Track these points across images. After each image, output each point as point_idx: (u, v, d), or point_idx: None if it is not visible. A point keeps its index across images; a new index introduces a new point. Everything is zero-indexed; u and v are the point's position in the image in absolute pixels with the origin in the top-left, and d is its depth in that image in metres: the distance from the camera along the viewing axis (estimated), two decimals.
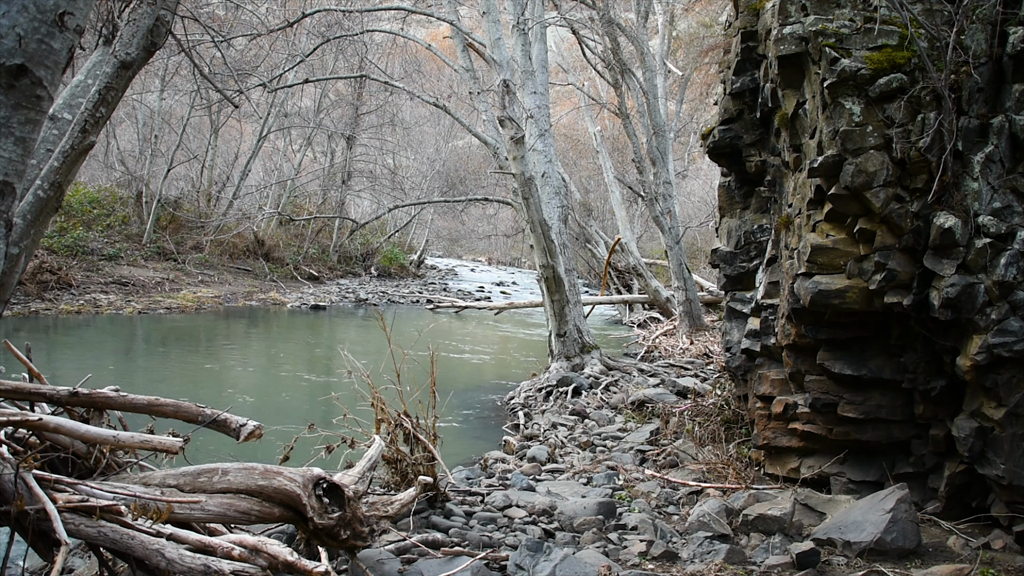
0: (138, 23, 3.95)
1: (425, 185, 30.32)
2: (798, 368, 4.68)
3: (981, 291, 3.70)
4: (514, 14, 10.54)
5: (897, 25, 4.14)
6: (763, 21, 4.97)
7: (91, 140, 3.87)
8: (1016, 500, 3.76)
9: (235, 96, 9.25)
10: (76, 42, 1.91)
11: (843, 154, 4.04)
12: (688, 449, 5.90)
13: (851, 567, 3.68)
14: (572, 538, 4.26)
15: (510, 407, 9.09)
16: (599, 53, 13.69)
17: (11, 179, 1.86)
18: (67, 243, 18.31)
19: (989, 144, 3.79)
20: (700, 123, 24.41)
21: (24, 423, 2.78)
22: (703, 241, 23.51)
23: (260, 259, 23.73)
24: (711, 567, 3.75)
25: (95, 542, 2.64)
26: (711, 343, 11.03)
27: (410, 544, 3.86)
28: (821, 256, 4.24)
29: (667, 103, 17.47)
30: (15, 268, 3.87)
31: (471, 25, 16.01)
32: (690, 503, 4.88)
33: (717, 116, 5.76)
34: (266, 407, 8.80)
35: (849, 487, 4.55)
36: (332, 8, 11.96)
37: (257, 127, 24.97)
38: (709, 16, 21.43)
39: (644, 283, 15.70)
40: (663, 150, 13.02)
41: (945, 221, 3.79)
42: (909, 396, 4.30)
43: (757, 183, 5.56)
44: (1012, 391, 3.66)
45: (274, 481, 3.00)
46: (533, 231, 9.96)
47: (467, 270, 36.97)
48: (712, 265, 5.95)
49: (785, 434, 4.92)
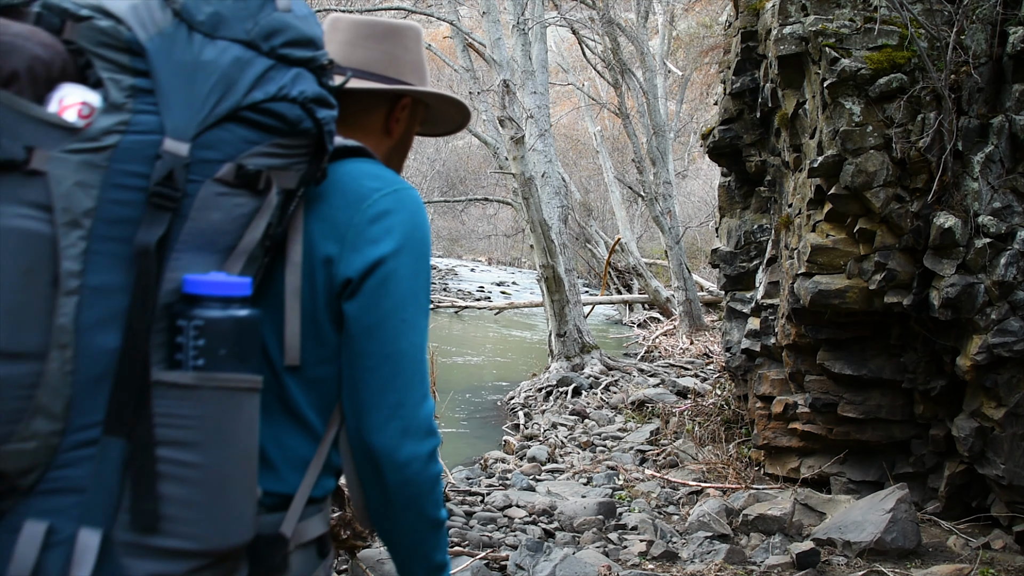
0: None
1: (425, 185, 30.34)
2: (798, 368, 4.68)
3: (981, 291, 3.70)
4: (514, 14, 10.54)
5: (897, 25, 4.14)
6: (763, 21, 4.97)
7: None
8: (1016, 500, 3.76)
9: None
10: None
11: (843, 154, 4.04)
12: (688, 449, 5.90)
13: (851, 567, 3.68)
14: (572, 538, 4.26)
15: (510, 407, 9.10)
16: (599, 53, 13.69)
17: None
18: None
19: (989, 144, 3.79)
20: (700, 123, 24.41)
21: None
22: (703, 241, 23.50)
23: None
24: (711, 567, 3.75)
25: None
26: (711, 343, 11.02)
27: None
28: (821, 256, 4.24)
29: (667, 103, 17.47)
30: None
31: (471, 25, 16.01)
32: (690, 503, 4.88)
33: (717, 116, 5.76)
34: None
35: (849, 487, 4.55)
36: (332, 8, 11.97)
37: None
38: (709, 16, 21.43)
39: (644, 283, 15.70)
40: (663, 150, 13.03)
41: (945, 221, 3.79)
42: (909, 396, 4.31)
43: (757, 183, 5.56)
44: (1012, 391, 3.66)
45: None
46: (533, 231, 9.96)
47: (467, 270, 36.94)
48: (712, 265, 5.95)
49: (785, 434, 4.92)
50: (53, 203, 0.82)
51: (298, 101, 0.94)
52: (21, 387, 0.80)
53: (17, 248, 0.80)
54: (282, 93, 0.93)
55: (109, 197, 0.85)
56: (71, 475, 0.84)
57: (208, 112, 0.89)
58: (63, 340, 0.82)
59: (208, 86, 0.89)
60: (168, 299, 0.87)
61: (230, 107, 0.90)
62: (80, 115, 0.86)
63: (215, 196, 0.90)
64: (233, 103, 0.90)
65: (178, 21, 0.90)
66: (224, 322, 0.88)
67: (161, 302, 0.87)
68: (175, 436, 0.85)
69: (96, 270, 0.85)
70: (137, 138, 0.86)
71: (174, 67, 0.88)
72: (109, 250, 0.85)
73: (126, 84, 0.87)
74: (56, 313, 0.82)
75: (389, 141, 1.26)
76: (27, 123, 0.82)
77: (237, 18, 0.92)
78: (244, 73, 0.91)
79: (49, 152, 0.82)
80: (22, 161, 0.80)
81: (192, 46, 0.90)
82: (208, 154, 0.89)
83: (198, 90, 0.89)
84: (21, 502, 0.82)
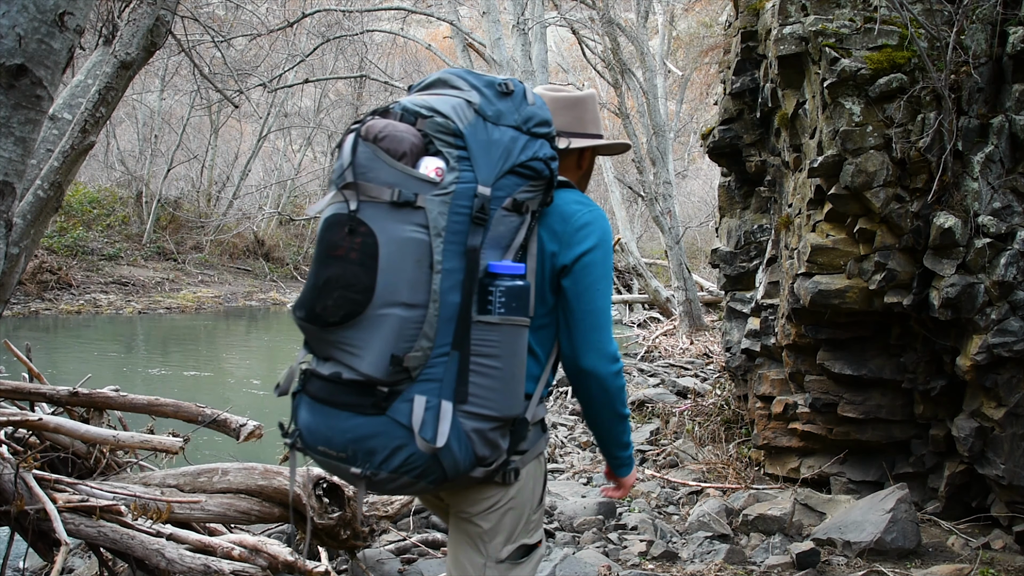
0: (138, 23, 3.95)
1: None
2: (798, 368, 4.68)
3: (981, 291, 3.70)
4: (514, 14, 10.54)
5: (897, 25, 4.14)
6: (763, 21, 4.97)
7: (91, 140, 3.87)
8: (1016, 500, 3.76)
9: (235, 96, 9.25)
10: (76, 42, 1.91)
11: (843, 154, 4.04)
12: (688, 449, 5.90)
13: (851, 567, 3.68)
14: (572, 538, 4.26)
15: None
16: (599, 53, 13.69)
17: (11, 179, 1.86)
18: (67, 243, 18.32)
19: (989, 144, 3.79)
20: (700, 123, 24.39)
21: (24, 423, 2.79)
22: (703, 241, 23.49)
23: (260, 259, 23.73)
24: (711, 567, 3.75)
25: (95, 542, 2.65)
26: (711, 343, 11.02)
27: (410, 544, 3.86)
28: (821, 256, 4.24)
29: (667, 103, 17.47)
30: (15, 268, 3.87)
31: (471, 25, 16.00)
32: (690, 503, 4.88)
33: (717, 116, 5.76)
34: (266, 407, 8.80)
35: (849, 487, 4.55)
36: (332, 8, 11.97)
37: (257, 127, 24.96)
38: (709, 16, 21.42)
39: (644, 283, 15.70)
40: (663, 150, 13.02)
41: (945, 221, 3.79)
42: (909, 396, 4.30)
43: (757, 183, 5.56)
44: (1012, 391, 3.66)
45: (274, 481, 3.00)
46: None
47: None
48: (712, 265, 5.95)
49: (785, 434, 4.92)
50: (428, 224, 1.49)
51: (543, 160, 1.60)
52: (416, 323, 1.49)
53: (414, 248, 1.49)
54: (535, 155, 1.59)
55: (452, 219, 1.51)
56: (434, 372, 1.51)
57: (499, 169, 1.55)
58: (435, 298, 1.50)
59: (498, 154, 1.56)
60: (482, 275, 1.54)
61: (510, 165, 1.57)
62: (437, 174, 1.52)
63: (502, 217, 1.56)
64: (512, 163, 1.57)
65: (478, 116, 1.56)
66: (514, 288, 1.55)
67: (479, 277, 1.53)
68: (485, 351, 1.54)
69: (448, 260, 1.50)
70: (464, 186, 1.52)
71: (479, 144, 1.55)
72: (453, 249, 1.51)
73: (455, 155, 1.53)
74: (431, 283, 1.49)
75: (580, 172, 1.98)
76: (413, 180, 1.51)
77: (509, 112, 1.60)
78: (516, 145, 1.58)
79: (425, 195, 1.50)
80: (413, 201, 1.49)
81: (487, 130, 1.56)
82: (499, 193, 1.55)
83: (493, 157, 1.55)
84: (411, 385, 1.51)
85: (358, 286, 1.48)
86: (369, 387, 1.50)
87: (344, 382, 1.52)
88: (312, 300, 1.54)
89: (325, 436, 1.55)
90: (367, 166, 1.51)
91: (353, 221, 1.49)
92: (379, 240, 1.48)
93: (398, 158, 1.51)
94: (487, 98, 1.59)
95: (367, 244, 1.48)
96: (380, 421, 1.51)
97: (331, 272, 1.51)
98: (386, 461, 1.51)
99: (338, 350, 1.53)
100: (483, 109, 1.57)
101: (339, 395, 1.53)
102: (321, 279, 1.52)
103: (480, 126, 1.55)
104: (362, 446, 1.51)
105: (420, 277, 1.49)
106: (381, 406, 1.50)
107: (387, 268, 1.48)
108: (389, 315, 1.48)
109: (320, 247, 1.54)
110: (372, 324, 1.49)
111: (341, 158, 1.55)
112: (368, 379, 1.50)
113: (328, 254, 1.52)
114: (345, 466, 1.55)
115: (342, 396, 1.53)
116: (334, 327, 1.51)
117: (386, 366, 1.48)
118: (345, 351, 1.52)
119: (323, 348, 1.57)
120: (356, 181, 1.51)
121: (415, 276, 1.48)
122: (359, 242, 1.49)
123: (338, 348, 1.53)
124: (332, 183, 1.57)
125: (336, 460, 1.56)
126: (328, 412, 1.55)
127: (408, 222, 1.49)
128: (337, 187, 1.53)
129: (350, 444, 1.52)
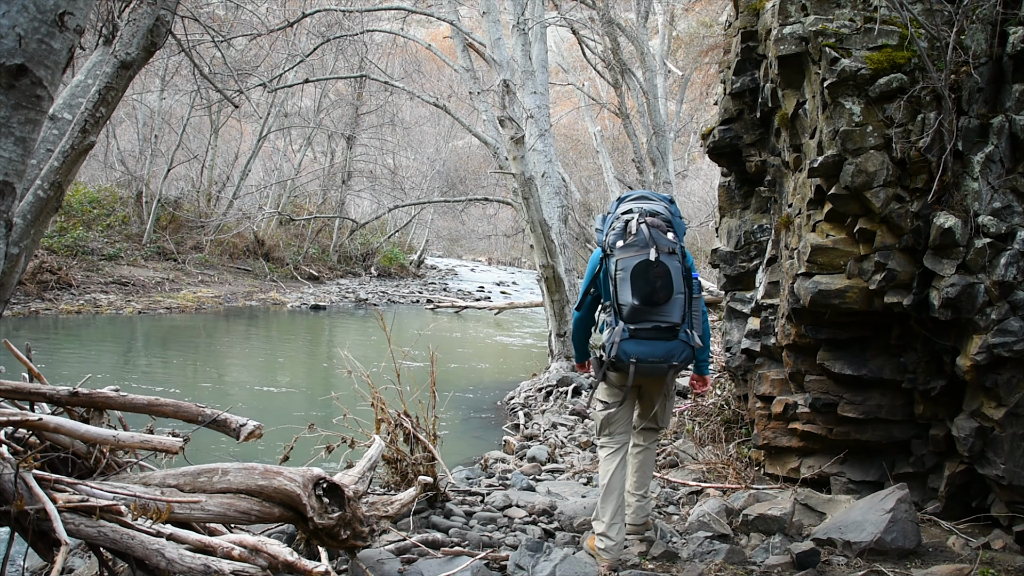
0: (138, 23, 3.95)
1: (425, 185, 30.31)
2: (798, 368, 4.68)
3: (981, 291, 3.70)
4: (514, 14, 10.54)
5: (897, 25, 4.14)
6: (763, 21, 4.97)
7: (91, 140, 3.87)
8: (1016, 500, 3.76)
9: (235, 96, 9.25)
10: (76, 42, 1.91)
11: (843, 154, 4.04)
12: (688, 449, 5.90)
13: (851, 567, 3.67)
14: (572, 538, 4.26)
15: (510, 407, 9.10)
16: (599, 53, 13.69)
17: (11, 179, 1.86)
18: (67, 243, 18.31)
19: (989, 144, 3.79)
20: (700, 123, 24.39)
21: (24, 423, 2.78)
22: (703, 241, 23.48)
23: (260, 259, 23.72)
24: (711, 567, 3.75)
25: (95, 542, 2.64)
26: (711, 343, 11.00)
27: (410, 544, 3.86)
28: (821, 256, 4.24)
29: (667, 103, 17.46)
30: (15, 268, 3.87)
31: (471, 25, 15.99)
32: (690, 503, 4.88)
33: (717, 116, 5.75)
34: (266, 407, 8.80)
35: (849, 487, 4.54)
36: (332, 8, 11.96)
37: (257, 127, 24.96)
38: (709, 16, 21.41)
39: None
40: (663, 150, 13.02)
41: (945, 221, 3.79)
42: (909, 396, 4.30)
43: (757, 183, 5.55)
44: (1012, 391, 3.66)
45: (274, 481, 3.00)
46: (533, 231, 9.96)
47: (467, 270, 36.94)
48: (712, 265, 5.95)
49: (785, 434, 4.92)
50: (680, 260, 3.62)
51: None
52: (683, 301, 3.58)
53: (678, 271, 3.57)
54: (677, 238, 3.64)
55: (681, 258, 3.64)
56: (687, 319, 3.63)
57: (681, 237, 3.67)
58: (683, 290, 3.58)
59: (681, 231, 3.67)
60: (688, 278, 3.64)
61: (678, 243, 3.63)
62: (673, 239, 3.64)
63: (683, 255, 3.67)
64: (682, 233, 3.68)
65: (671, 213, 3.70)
66: (697, 284, 3.74)
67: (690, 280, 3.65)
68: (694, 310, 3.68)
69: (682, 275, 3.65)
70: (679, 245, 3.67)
71: (677, 225, 3.68)
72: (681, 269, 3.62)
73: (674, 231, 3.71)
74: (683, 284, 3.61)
75: None
76: (671, 242, 3.58)
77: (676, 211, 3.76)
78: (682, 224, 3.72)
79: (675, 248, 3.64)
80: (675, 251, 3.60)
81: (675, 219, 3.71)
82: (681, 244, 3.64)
83: (679, 232, 3.66)
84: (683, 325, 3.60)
85: (668, 287, 3.48)
86: (674, 328, 3.52)
87: (662, 327, 3.51)
88: (648, 294, 3.46)
89: (651, 352, 3.52)
90: (656, 237, 3.52)
91: (659, 263, 3.48)
92: (669, 269, 3.49)
93: (664, 232, 3.54)
94: (666, 203, 3.73)
95: (664, 270, 3.48)
96: (677, 342, 3.54)
97: (658, 283, 3.45)
98: (680, 357, 3.56)
99: (656, 315, 3.49)
100: (671, 208, 3.71)
101: (660, 334, 3.52)
102: (654, 285, 3.47)
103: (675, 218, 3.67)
104: (672, 353, 3.54)
105: (681, 283, 3.51)
106: (677, 335, 3.53)
107: (674, 280, 3.49)
108: (678, 298, 3.50)
109: (643, 273, 3.47)
110: (674, 302, 3.50)
111: (640, 233, 3.53)
112: (673, 325, 3.51)
113: (653, 274, 3.47)
114: (663, 364, 3.55)
115: (662, 334, 3.52)
116: (659, 305, 3.48)
117: (680, 318, 3.52)
118: (663, 314, 3.50)
119: (644, 316, 3.50)
120: (657, 243, 3.51)
121: (679, 282, 3.51)
122: (662, 271, 3.48)
123: (657, 314, 3.49)
124: (631, 245, 3.52)
125: (658, 362, 3.53)
126: (653, 343, 3.52)
127: (675, 260, 3.52)
128: (639, 247, 3.50)
129: (666, 353, 3.53)
